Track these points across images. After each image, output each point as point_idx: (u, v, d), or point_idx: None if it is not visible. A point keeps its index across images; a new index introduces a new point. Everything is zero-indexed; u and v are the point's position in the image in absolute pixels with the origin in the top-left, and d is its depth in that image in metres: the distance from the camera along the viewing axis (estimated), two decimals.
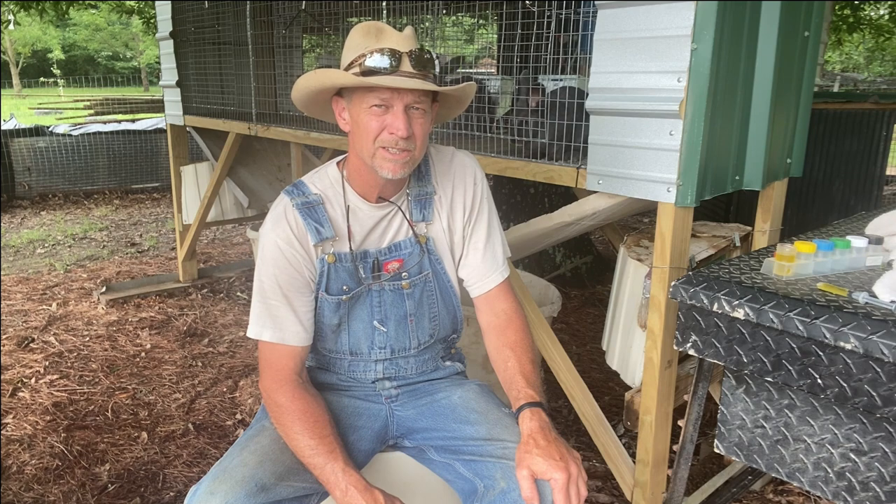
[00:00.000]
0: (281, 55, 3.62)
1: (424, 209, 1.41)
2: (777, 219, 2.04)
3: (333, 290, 1.37)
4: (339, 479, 1.22)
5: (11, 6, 8.44)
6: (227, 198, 4.18)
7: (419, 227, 1.41)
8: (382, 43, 1.24)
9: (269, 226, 1.34)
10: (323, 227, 1.33)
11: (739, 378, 1.43)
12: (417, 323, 1.44)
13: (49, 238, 5.66)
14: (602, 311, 2.18)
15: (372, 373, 1.48)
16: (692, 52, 1.50)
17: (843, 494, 1.30)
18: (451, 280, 1.46)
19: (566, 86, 1.92)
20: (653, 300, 1.70)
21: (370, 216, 1.38)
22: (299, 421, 1.28)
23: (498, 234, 1.48)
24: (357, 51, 1.25)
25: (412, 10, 2.53)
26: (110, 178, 7.59)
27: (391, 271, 1.40)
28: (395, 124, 1.23)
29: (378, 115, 1.24)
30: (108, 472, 2.35)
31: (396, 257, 1.40)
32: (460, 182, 1.44)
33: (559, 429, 2.62)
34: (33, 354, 3.25)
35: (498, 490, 1.26)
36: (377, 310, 1.41)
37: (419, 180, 1.41)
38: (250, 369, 3.12)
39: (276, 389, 1.32)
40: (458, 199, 1.43)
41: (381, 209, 1.38)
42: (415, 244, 1.40)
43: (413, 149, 1.27)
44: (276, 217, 1.34)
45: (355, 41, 1.26)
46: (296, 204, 1.34)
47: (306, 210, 1.34)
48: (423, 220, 1.41)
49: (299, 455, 1.27)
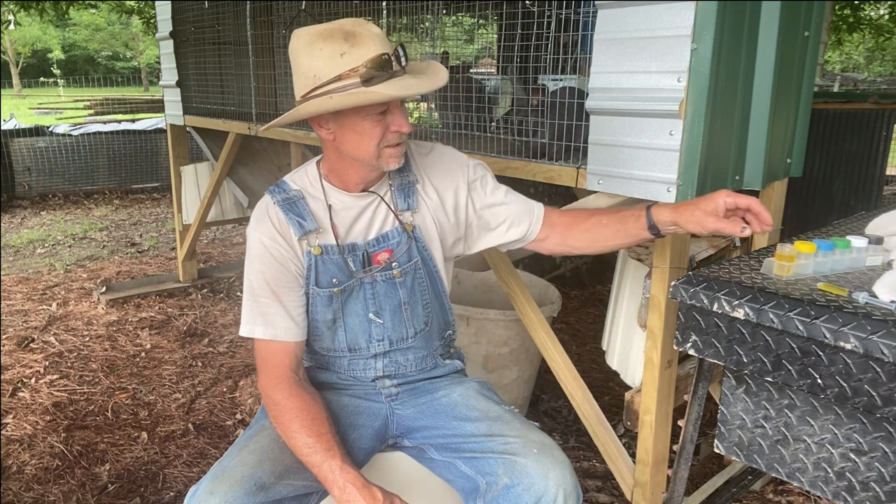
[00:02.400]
0: (281, 55, 3.61)
1: (409, 197, 1.42)
2: (777, 219, 2.04)
3: (323, 282, 1.37)
4: (336, 477, 1.22)
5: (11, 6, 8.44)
6: (227, 198, 4.18)
7: (405, 215, 1.42)
8: (361, 50, 1.20)
9: (252, 224, 1.37)
10: (305, 221, 1.35)
11: (739, 378, 1.43)
12: (412, 311, 1.44)
13: (49, 238, 5.66)
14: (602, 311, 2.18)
15: (372, 371, 1.47)
16: (692, 52, 1.50)
17: (843, 494, 1.30)
18: (439, 267, 1.47)
19: (566, 86, 1.92)
20: (653, 300, 1.70)
21: (352, 206, 1.39)
22: (297, 419, 1.28)
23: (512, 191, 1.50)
24: (334, 60, 1.20)
25: (412, 10, 2.53)
26: (110, 178, 7.59)
27: (381, 262, 1.41)
28: (397, 122, 1.27)
29: (380, 119, 1.27)
30: (108, 472, 2.35)
31: (385, 248, 1.41)
32: (442, 167, 1.46)
33: (559, 429, 2.63)
34: (33, 354, 3.25)
35: (501, 486, 1.27)
36: (371, 302, 1.41)
37: (400, 171, 1.41)
38: (250, 369, 3.12)
39: (273, 388, 1.33)
40: (446, 184, 1.45)
41: (362, 199, 1.40)
42: (402, 233, 1.41)
43: (407, 137, 1.34)
44: (259, 216, 1.37)
45: (321, 50, 1.21)
46: (276, 201, 1.37)
47: (287, 205, 1.36)
48: (409, 208, 1.42)
49: (297, 453, 1.27)
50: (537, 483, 1.25)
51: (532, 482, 1.25)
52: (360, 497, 1.20)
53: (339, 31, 1.22)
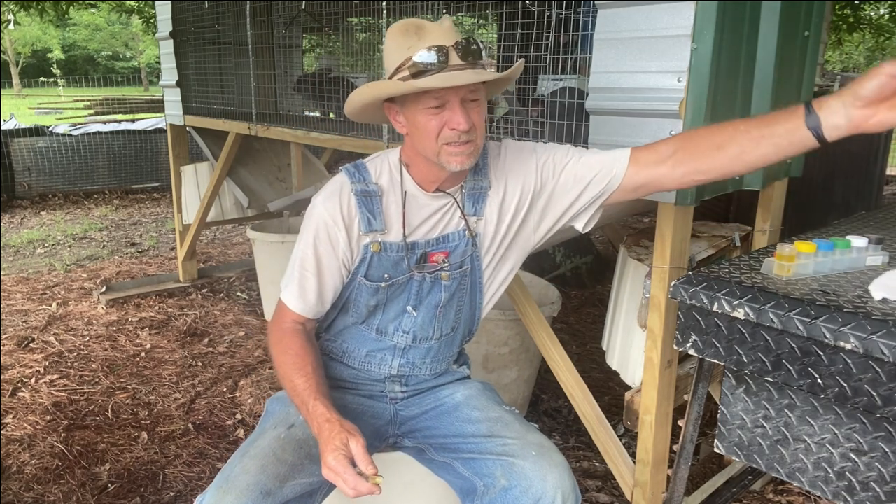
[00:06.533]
0: (281, 55, 3.62)
1: (477, 203, 1.40)
2: (777, 219, 2.04)
3: (374, 276, 1.38)
4: (310, 413, 1.23)
5: (11, 6, 8.44)
6: (227, 198, 4.18)
7: (470, 221, 1.40)
8: (427, 41, 1.22)
9: (322, 197, 1.35)
10: (375, 220, 1.34)
11: (739, 378, 1.43)
12: (444, 314, 1.44)
13: (49, 238, 5.66)
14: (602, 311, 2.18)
15: (387, 367, 1.47)
16: (692, 51, 1.50)
17: (843, 494, 1.30)
18: (483, 277, 1.46)
19: (566, 86, 1.92)
20: (653, 300, 1.70)
21: (426, 205, 1.38)
22: (293, 363, 1.31)
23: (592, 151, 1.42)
24: (401, 52, 1.23)
25: (412, 10, 2.53)
26: (110, 178, 7.59)
27: (436, 262, 1.40)
28: (455, 119, 1.23)
29: (436, 114, 1.24)
30: (108, 472, 2.35)
31: (443, 249, 1.40)
32: (514, 166, 1.41)
33: (559, 429, 2.63)
34: (33, 354, 3.25)
35: (499, 488, 1.26)
36: (414, 296, 1.41)
37: (475, 174, 1.40)
38: (250, 369, 3.12)
39: (277, 331, 1.38)
40: (514, 185, 1.40)
41: (437, 199, 1.38)
42: (464, 237, 1.40)
43: (475, 138, 1.27)
44: (332, 192, 1.35)
45: (397, 42, 1.25)
46: (355, 189, 1.34)
47: (363, 198, 1.34)
48: (475, 214, 1.40)
49: (289, 389, 1.29)
50: (535, 485, 1.24)
51: (530, 484, 1.25)
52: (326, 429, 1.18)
53: (414, 25, 1.24)
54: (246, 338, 3.50)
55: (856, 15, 10.24)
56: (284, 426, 1.36)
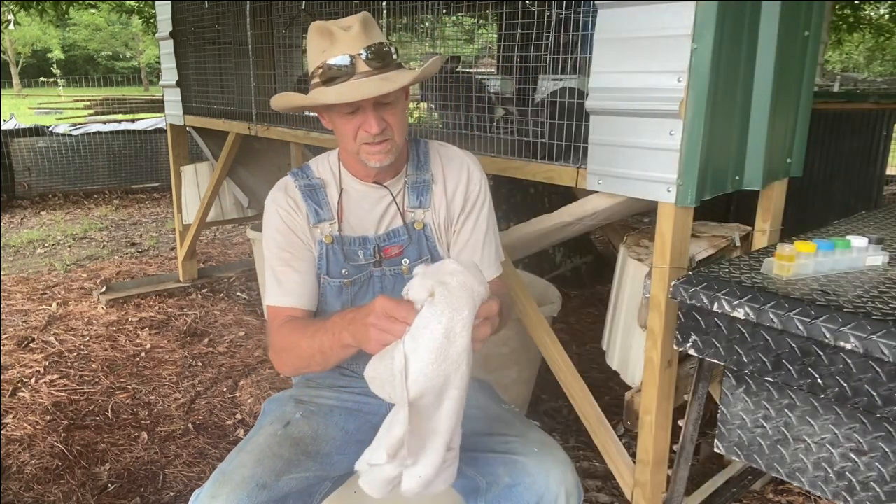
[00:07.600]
0: (281, 55, 3.61)
1: (421, 195, 1.43)
2: (777, 219, 2.04)
3: (334, 272, 1.40)
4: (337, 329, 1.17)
5: (11, 6, 8.44)
6: (227, 198, 4.18)
7: (416, 213, 1.43)
8: (336, 47, 1.25)
9: (270, 198, 1.41)
10: (321, 209, 1.39)
11: (739, 378, 1.43)
12: None
13: (49, 238, 5.66)
14: (602, 311, 2.18)
15: None
16: (692, 52, 1.50)
17: (843, 494, 1.30)
18: None
19: (566, 86, 1.92)
20: (653, 300, 1.70)
21: (366, 196, 1.42)
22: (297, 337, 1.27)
23: (492, 235, 1.47)
24: (316, 56, 1.28)
25: (412, 10, 2.53)
26: (110, 178, 7.59)
27: (393, 256, 1.42)
28: (367, 123, 1.28)
29: (350, 119, 1.29)
30: (108, 472, 2.35)
31: (396, 243, 1.43)
32: (456, 175, 1.45)
33: (559, 429, 2.63)
34: (33, 354, 3.25)
35: (502, 485, 1.26)
36: (378, 293, 1.41)
37: (417, 168, 1.44)
38: (250, 369, 3.12)
39: (274, 334, 1.33)
40: (458, 192, 1.44)
41: (375, 190, 1.42)
42: (412, 230, 1.43)
43: (391, 136, 1.32)
44: (277, 190, 1.42)
45: (314, 44, 1.29)
46: (298, 185, 1.41)
47: (308, 192, 1.40)
48: (420, 206, 1.43)
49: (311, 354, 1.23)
50: (539, 482, 1.24)
51: (533, 481, 1.25)
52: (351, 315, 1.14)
53: (327, 29, 1.27)
54: (246, 338, 3.50)
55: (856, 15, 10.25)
56: (280, 423, 1.38)
